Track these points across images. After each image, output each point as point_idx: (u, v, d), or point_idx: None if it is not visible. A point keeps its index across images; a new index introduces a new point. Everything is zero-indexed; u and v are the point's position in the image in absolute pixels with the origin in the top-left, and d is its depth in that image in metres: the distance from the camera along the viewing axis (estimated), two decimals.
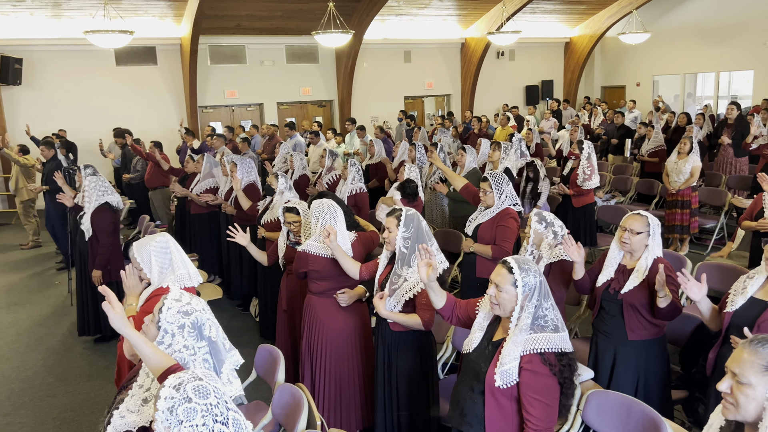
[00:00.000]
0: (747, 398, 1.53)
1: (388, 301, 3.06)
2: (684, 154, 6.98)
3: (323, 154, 6.70)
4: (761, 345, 1.55)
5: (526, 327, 2.22)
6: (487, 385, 2.27)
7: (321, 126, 11.28)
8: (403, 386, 3.17)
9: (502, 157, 6.54)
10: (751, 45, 14.30)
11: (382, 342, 3.22)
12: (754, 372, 1.53)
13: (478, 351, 2.39)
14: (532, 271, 2.26)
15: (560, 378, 2.20)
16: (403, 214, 3.04)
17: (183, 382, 1.48)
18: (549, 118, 12.75)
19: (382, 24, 14.07)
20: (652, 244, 3.10)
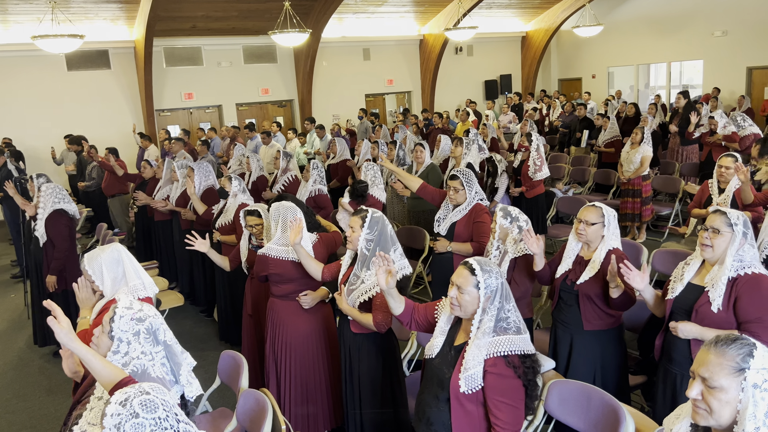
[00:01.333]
0: (721, 403, 1.47)
1: (345, 301, 3.08)
2: (636, 144, 7.15)
3: (277, 156, 6.63)
4: (726, 345, 1.49)
5: (489, 330, 2.19)
6: (452, 391, 2.23)
7: (281, 126, 11.18)
8: (366, 388, 3.17)
9: (465, 152, 6.60)
10: (700, 35, 14.72)
11: (343, 344, 3.22)
12: (724, 374, 1.47)
13: (441, 356, 2.36)
14: (494, 273, 2.24)
15: (525, 380, 2.18)
16: (368, 216, 3.03)
17: (129, 398, 1.45)
18: (507, 113, 12.90)
19: (340, 22, 14.03)
20: (607, 234, 3.16)
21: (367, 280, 3.01)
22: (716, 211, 2.68)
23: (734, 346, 1.49)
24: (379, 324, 2.97)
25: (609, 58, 16.89)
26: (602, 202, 6.81)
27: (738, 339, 1.51)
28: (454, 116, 13.69)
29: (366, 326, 3.04)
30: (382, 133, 9.81)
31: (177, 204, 6.00)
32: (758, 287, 2.53)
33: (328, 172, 7.86)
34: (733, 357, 1.47)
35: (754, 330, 2.49)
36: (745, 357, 1.47)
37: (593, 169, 8.97)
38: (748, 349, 1.48)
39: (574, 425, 2.87)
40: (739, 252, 2.60)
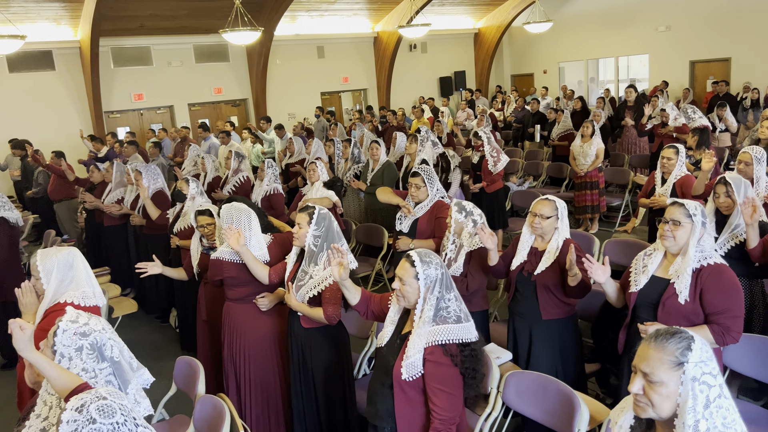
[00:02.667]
0: (661, 397, 1.50)
1: (294, 298, 3.10)
2: (587, 137, 7.32)
3: (228, 156, 6.53)
4: (666, 340, 1.52)
5: (428, 319, 2.29)
6: (394, 378, 2.33)
7: (234, 126, 11.01)
8: (320, 382, 3.19)
9: (419, 149, 6.62)
10: (645, 30, 15.15)
11: (294, 339, 3.23)
12: (664, 369, 1.49)
13: (389, 345, 2.45)
14: (434, 264, 2.33)
15: (462, 368, 2.27)
16: (316, 212, 3.07)
17: (86, 403, 1.40)
18: (465, 109, 13.03)
19: (293, 20, 13.90)
20: (561, 226, 3.23)
21: (315, 275, 3.05)
22: (674, 203, 2.73)
23: (673, 341, 1.51)
24: (330, 316, 3.01)
25: (559, 53, 17.22)
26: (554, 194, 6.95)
27: (677, 333, 1.53)
28: (410, 113, 13.75)
29: (317, 320, 3.07)
30: (338, 131, 9.78)
31: (131, 208, 5.86)
32: (722, 279, 2.59)
33: (285, 171, 7.78)
34: (672, 351, 1.50)
35: (722, 321, 2.56)
36: (684, 351, 1.49)
37: (547, 162, 9.15)
38: (686, 342, 1.50)
39: (531, 415, 2.92)
40: (701, 242, 2.65)
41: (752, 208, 3.23)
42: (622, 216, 7.87)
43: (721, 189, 3.52)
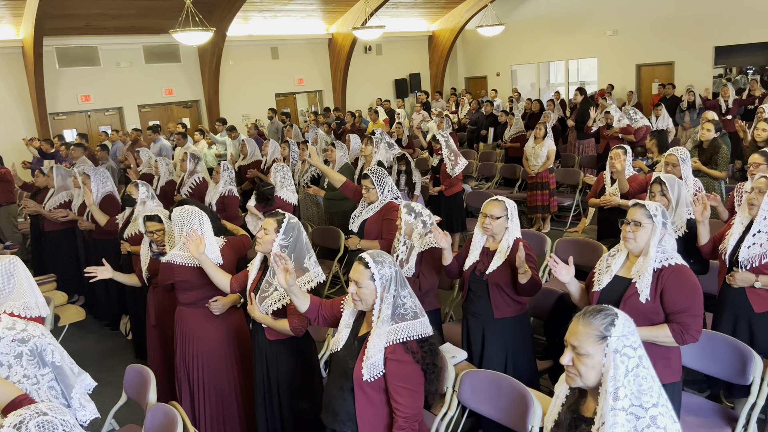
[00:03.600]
0: (587, 367, 1.64)
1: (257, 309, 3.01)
2: (540, 138, 7.48)
3: (184, 158, 6.41)
4: (592, 316, 1.66)
5: (387, 318, 2.29)
6: (355, 380, 2.32)
7: (186, 128, 10.80)
8: (286, 395, 3.12)
9: (374, 151, 6.64)
10: (594, 35, 15.57)
11: (258, 351, 3.15)
12: (590, 342, 1.63)
13: (346, 348, 2.44)
14: (387, 263, 2.34)
15: (423, 364, 2.29)
16: (285, 221, 2.96)
17: (24, 420, 1.34)
18: (420, 111, 13.12)
19: (246, 21, 13.73)
20: (511, 226, 3.28)
21: (280, 288, 2.94)
22: (636, 204, 2.77)
23: (599, 317, 1.65)
24: (296, 328, 2.94)
25: (512, 56, 17.53)
26: (507, 195, 7.05)
27: (602, 310, 1.67)
28: (366, 115, 13.77)
29: (282, 332, 2.99)
30: (294, 133, 9.71)
31: (79, 213, 5.67)
32: (682, 279, 2.64)
33: (239, 173, 7.68)
34: (597, 326, 1.63)
35: (682, 320, 2.61)
36: (608, 326, 1.63)
37: (500, 164, 9.30)
38: (610, 318, 1.64)
39: (486, 413, 2.96)
40: (661, 242, 2.69)
41: (703, 205, 3.33)
42: (573, 216, 8.07)
43: (657, 188, 3.64)
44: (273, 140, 7.51)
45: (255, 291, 3.05)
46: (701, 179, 5.56)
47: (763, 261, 3.09)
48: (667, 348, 2.65)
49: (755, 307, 3.14)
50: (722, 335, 3.11)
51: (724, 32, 13.30)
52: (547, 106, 10.93)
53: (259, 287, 3.03)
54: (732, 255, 3.22)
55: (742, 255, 3.14)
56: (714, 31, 13.44)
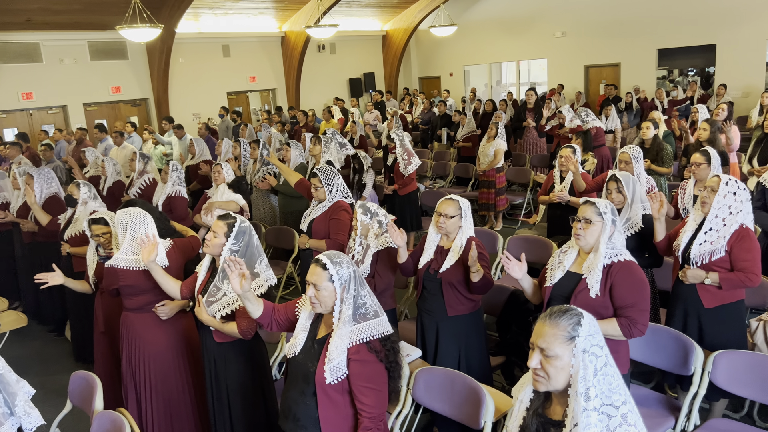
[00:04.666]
0: (557, 369, 1.61)
1: (205, 312, 2.94)
2: (492, 138, 7.59)
3: (133, 158, 6.23)
4: (559, 317, 1.64)
5: (348, 318, 2.26)
6: (317, 383, 2.27)
7: (136, 127, 10.50)
8: (236, 398, 3.06)
9: (323, 150, 6.60)
10: (543, 36, 15.89)
11: (207, 354, 3.08)
12: (558, 344, 1.61)
13: (304, 352, 2.38)
14: (345, 263, 2.30)
15: (386, 363, 2.27)
16: (236, 225, 2.89)
17: None
18: (372, 111, 13.12)
19: (196, 18, 13.45)
20: (465, 224, 3.31)
21: (229, 293, 2.89)
22: (586, 202, 2.83)
23: (565, 317, 1.64)
24: (244, 331, 2.88)
25: (464, 57, 17.72)
26: (461, 194, 7.12)
27: (568, 310, 1.65)
28: (321, 114, 13.68)
29: (230, 335, 2.93)
30: (248, 132, 9.57)
31: (19, 215, 5.43)
32: (631, 274, 2.71)
33: (186, 174, 7.51)
34: (564, 327, 1.62)
35: (630, 314, 2.68)
36: (575, 326, 1.62)
37: (453, 163, 9.40)
38: (576, 318, 1.63)
39: (440, 410, 2.98)
40: (611, 239, 2.76)
41: (660, 203, 3.43)
42: (524, 213, 8.21)
43: (613, 185, 3.74)
44: (227, 139, 7.37)
45: (203, 293, 2.98)
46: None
47: (713, 258, 3.18)
48: (617, 341, 2.73)
49: (705, 303, 3.23)
50: (666, 328, 3.22)
51: (666, 35, 13.78)
52: (500, 106, 11.09)
53: (207, 290, 2.96)
54: (684, 252, 3.30)
55: (693, 252, 3.23)
56: (657, 34, 13.91)
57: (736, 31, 12.77)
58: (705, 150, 4.26)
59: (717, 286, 3.18)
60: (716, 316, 3.24)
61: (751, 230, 3.19)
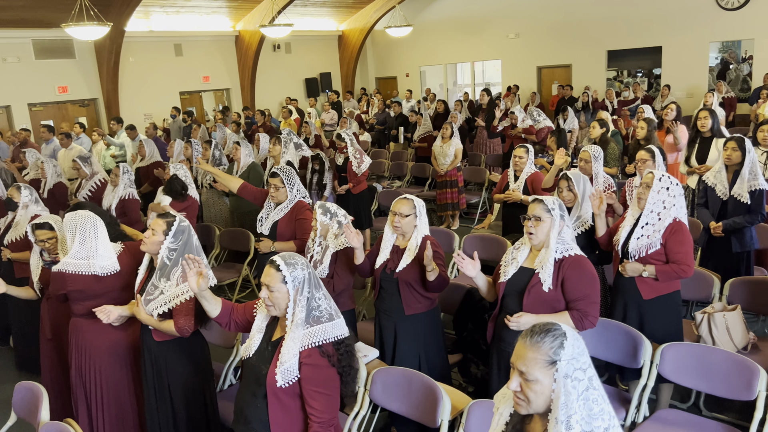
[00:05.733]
0: (536, 394, 1.55)
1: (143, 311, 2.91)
2: (447, 138, 7.66)
3: (75, 165, 6.03)
4: (540, 340, 1.55)
5: (301, 321, 2.23)
6: (268, 386, 2.25)
7: (84, 128, 10.18)
8: (179, 398, 3.03)
9: (283, 151, 6.54)
10: (497, 37, 16.12)
11: (147, 354, 3.04)
12: (539, 368, 1.54)
13: (258, 354, 2.36)
14: (299, 265, 2.28)
15: (339, 367, 2.25)
16: (175, 224, 2.89)
17: None
18: (329, 111, 13.07)
19: (146, 16, 13.13)
20: (420, 224, 3.34)
21: (166, 291, 2.87)
22: (535, 200, 2.91)
23: (547, 339, 1.55)
24: (181, 329, 2.87)
25: (420, 57, 17.83)
26: (418, 193, 7.15)
27: (550, 331, 1.56)
28: (277, 114, 13.54)
29: (168, 333, 2.92)
30: (201, 132, 9.40)
31: None
32: (581, 268, 2.80)
33: (137, 175, 7.33)
34: (546, 351, 1.54)
35: (581, 307, 2.78)
36: (557, 350, 1.53)
37: (411, 163, 9.45)
38: (559, 341, 1.54)
39: (397, 410, 2.99)
40: (560, 234, 2.85)
41: (599, 200, 3.56)
42: (481, 212, 8.32)
43: (564, 184, 3.83)
44: (179, 140, 7.22)
45: (141, 292, 2.95)
46: None
47: (650, 251, 3.32)
48: None
49: (643, 295, 3.37)
50: (616, 323, 3.31)
51: (615, 37, 14.17)
52: (455, 106, 11.20)
53: (144, 289, 2.93)
54: (624, 246, 3.43)
55: (631, 246, 3.36)
56: (607, 36, 14.29)
57: (681, 34, 13.23)
58: (650, 148, 4.40)
59: (654, 278, 3.31)
60: (654, 307, 3.38)
61: (684, 224, 3.34)
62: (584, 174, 4.22)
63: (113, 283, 3.18)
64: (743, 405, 3.13)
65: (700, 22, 12.94)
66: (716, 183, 4.30)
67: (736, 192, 4.17)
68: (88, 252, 3.14)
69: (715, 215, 4.28)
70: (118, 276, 3.20)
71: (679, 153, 6.30)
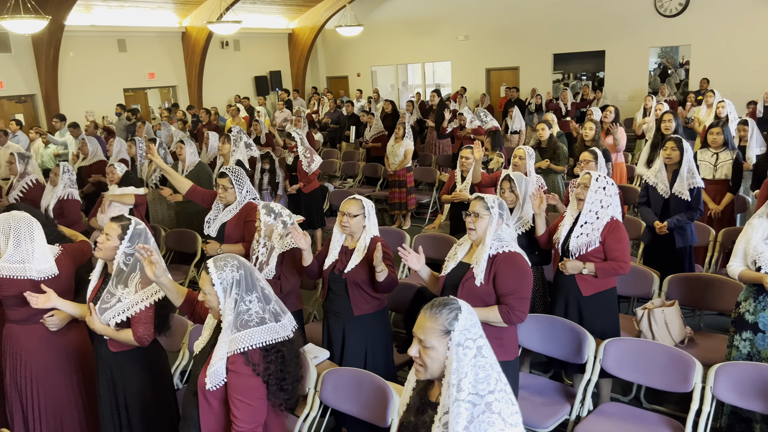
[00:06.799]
0: (432, 360, 1.69)
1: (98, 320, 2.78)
2: (399, 138, 7.70)
3: (11, 159, 5.78)
4: (438, 311, 1.70)
5: (230, 325, 2.19)
6: (199, 387, 2.23)
7: (21, 125, 9.75)
8: (136, 411, 2.91)
9: (233, 149, 6.41)
10: (447, 39, 16.29)
11: (102, 365, 2.91)
12: (435, 336, 1.68)
13: (201, 353, 2.35)
14: (230, 266, 2.22)
15: (265, 377, 2.18)
16: (131, 227, 2.77)
17: None
18: (282, 110, 12.94)
19: (88, 9, 12.68)
20: (368, 224, 3.33)
21: (124, 299, 2.75)
22: (476, 197, 2.98)
23: (444, 311, 1.70)
24: (140, 338, 2.75)
25: (371, 57, 17.85)
26: (370, 193, 7.15)
27: (447, 304, 1.72)
28: (224, 112, 13.30)
29: (126, 343, 2.79)
30: (145, 130, 9.14)
31: None
32: (513, 264, 2.87)
33: (79, 175, 7.07)
34: (442, 322, 1.69)
35: (510, 302, 2.84)
36: (452, 321, 1.68)
37: (362, 163, 9.45)
38: (454, 313, 1.70)
39: (348, 411, 2.98)
40: (498, 232, 2.91)
41: (540, 199, 3.66)
42: (431, 212, 8.39)
43: (506, 185, 3.90)
44: (119, 138, 7.00)
45: (95, 300, 2.82)
46: (547, 177, 6.07)
47: (589, 249, 3.42)
48: (500, 328, 2.89)
49: (583, 291, 3.47)
50: (562, 320, 3.40)
51: (561, 41, 14.53)
52: (406, 107, 11.26)
53: (99, 296, 2.80)
54: (564, 245, 3.53)
55: (571, 245, 3.46)
56: (553, 40, 14.64)
57: (622, 39, 13.68)
58: (593, 149, 4.55)
59: (593, 275, 3.42)
60: (593, 303, 3.49)
61: (621, 222, 3.46)
62: (519, 171, 4.32)
63: (51, 287, 3.04)
64: (681, 397, 3.26)
65: (641, 27, 13.41)
66: (657, 182, 4.46)
67: (676, 190, 4.35)
68: (23, 255, 3.01)
69: (657, 213, 4.44)
70: (56, 280, 3.07)
71: (618, 154, 6.52)
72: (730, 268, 3.13)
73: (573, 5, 14.06)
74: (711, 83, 11.75)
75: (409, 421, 1.86)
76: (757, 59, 12.20)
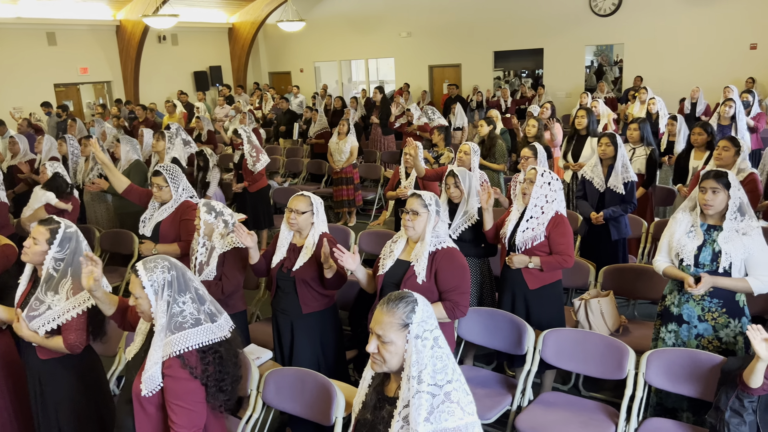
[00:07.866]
0: (391, 354, 1.72)
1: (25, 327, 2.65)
2: (343, 135, 7.67)
3: None
4: (395, 305, 1.72)
5: (163, 328, 2.13)
6: (134, 394, 2.15)
7: None
8: (67, 418, 2.80)
9: (168, 147, 6.22)
10: (390, 35, 16.34)
11: (31, 374, 2.79)
12: (393, 331, 1.71)
13: (134, 358, 2.27)
14: (161, 268, 2.15)
15: (203, 379, 2.14)
16: (60, 230, 2.64)
17: None
18: (224, 106, 12.67)
19: (14, 1, 12.05)
20: (317, 221, 3.31)
21: (55, 306, 2.63)
22: (413, 194, 2.99)
23: (401, 305, 1.72)
24: (72, 345, 2.64)
25: (315, 53, 17.71)
26: (314, 190, 7.10)
27: (404, 298, 1.74)
28: (162, 108, 12.92)
29: (56, 350, 2.68)
30: (78, 128, 8.76)
31: None
32: (453, 260, 2.91)
33: (9, 175, 6.72)
34: (399, 315, 1.71)
35: (452, 297, 2.88)
36: (409, 314, 1.71)
37: (306, 160, 9.36)
38: (411, 306, 1.72)
39: (292, 411, 2.95)
40: (435, 228, 2.94)
41: (488, 194, 3.71)
42: (377, 209, 8.41)
43: (451, 180, 3.94)
44: (48, 136, 6.68)
45: (23, 307, 2.69)
46: (486, 172, 6.16)
47: (535, 243, 3.50)
48: (442, 323, 2.88)
49: (529, 285, 3.54)
50: (503, 312, 3.46)
51: (502, 39, 14.82)
52: (351, 103, 11.22)
53: (27, 303, 2.67)
54: (510, 239, 3.59)
55: (517, 239, 3.53)
56: (494, 38, 14.91)
57: (559, 37, 14.07)
58: (533, 145, 4.66)
59: (539, 268, 3.49)
60: (539, 296, 3.57)
61: (565, 217, 3.56)
62: (464, 166, 4.37)
63: None
64: (616, 384, 3.37)
65: (576, 26, 13.82)
66: (593, 176, 4.62)
67: (611, 184, 4.51)
68: None
69: (594, 206, 4.59)
70: None
71: (555, 148, 6.70)
72: (656, 263, 3.19)
73: (513, 4, 14.36)
74: (643, 81, 12.22)
75: (366, 419, 1.86)
76: (685, 58, 12.79)
